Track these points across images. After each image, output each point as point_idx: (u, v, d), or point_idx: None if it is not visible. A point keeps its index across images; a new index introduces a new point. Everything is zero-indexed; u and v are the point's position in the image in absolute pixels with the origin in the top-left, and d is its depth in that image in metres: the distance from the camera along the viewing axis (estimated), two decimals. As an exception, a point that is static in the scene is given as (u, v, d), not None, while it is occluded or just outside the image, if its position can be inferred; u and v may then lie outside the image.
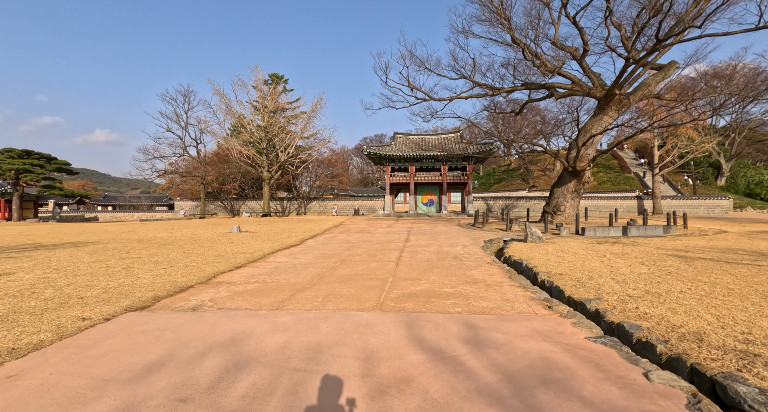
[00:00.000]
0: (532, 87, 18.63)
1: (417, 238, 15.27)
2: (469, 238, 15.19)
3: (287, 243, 13.59)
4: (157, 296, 5.71)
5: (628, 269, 7.61)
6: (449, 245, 12.91)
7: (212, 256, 10.21)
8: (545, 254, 10.17)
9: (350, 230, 19.57)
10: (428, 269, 8.33)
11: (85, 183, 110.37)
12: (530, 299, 5.62)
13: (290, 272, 8.12)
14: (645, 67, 17.44)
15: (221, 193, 39.75)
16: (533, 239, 13.31)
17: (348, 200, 42.88)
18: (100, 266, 8.55)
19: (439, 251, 11.45)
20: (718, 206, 34.11)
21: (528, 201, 39.01)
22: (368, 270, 8.29)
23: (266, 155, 32.79)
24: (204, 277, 7.32)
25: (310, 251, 11.56)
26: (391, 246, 12.68)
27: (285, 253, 11.20)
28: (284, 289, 6.44)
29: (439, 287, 6.58)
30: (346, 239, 15.16)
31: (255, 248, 11.93)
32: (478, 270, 8.20)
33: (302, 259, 10.04)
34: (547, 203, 21.12)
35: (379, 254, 10.95)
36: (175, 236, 17.19)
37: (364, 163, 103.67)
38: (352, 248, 12.20)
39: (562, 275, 7.30)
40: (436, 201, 36.95)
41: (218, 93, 30.67)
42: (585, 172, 19.45)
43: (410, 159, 34.81)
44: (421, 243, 13.42)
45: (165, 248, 12.22)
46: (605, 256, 9.60)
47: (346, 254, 10.84)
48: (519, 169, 79.69)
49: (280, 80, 42.76)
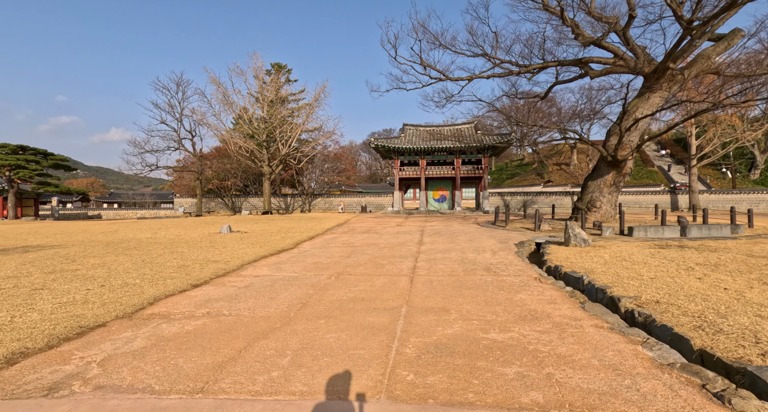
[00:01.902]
0: (564, 63, 15.96)
1: (432, 240, 12.89)
2: (495, 239, 12.75)
3: (278, 247, 11.35)
4: (11, 355, 3.45)
5: (759, 294, 5.12)
6: (474, 249, 10.49)
7: (174, 267, 8.00)
8: (605, 264, 7.71)
9: (355, 230, 17.28)
10: (456, 290, 5.96)
11: (94, 181, 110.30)
12: (655, 365, 3.21)
13: (263, 294, 5.83)
14: (702, 37, 14.64)
15: (222, 190, 37.85)
16: (577, 241, 10.80)
17: (355, 197, 40.63)
18: (9, 283, 6.38)
19: (464, 258, 9.05)
20: (764, 201, 30.89)
21: (549, 196, 36.20)
22: (372, 291, 5.97)
23: (266, 149, 30.61)
24: (134, 305, 5.08)
25: (301, 259, 9.27)
26: (401, 251, 10.33)
27: (270, 261, 8.94)
28: (238, 332, 4.14)
29: (481, 327, 4.21)
30: (348, 242, 12.87)
31: (235, 255, 9.70)
32: (528, 292, 5.80)
33: (288, 271, 7.75)
34: (580, 199, 18.49)
35: (387, 262, 8.62)
36: (155, 237, 15.12)
37: (372, 159, 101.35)
38: (354, 254, 9.88)
39: (659, 303, 4.87)
40: (449, 197, 34.41)
41: (214, 82, 28.56)
42: (627, 163, 16.76)
43: (421, 152, 32.32)
44: (438, 247, 11.03)
45: (126, 254, 10.07)
46: (693, 269, 7.09)
47: (345, 264, 8.52)
48: (533, 163, 76.58)
49: (283, 70, 40.52)
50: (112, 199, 73.19)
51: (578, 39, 14.61)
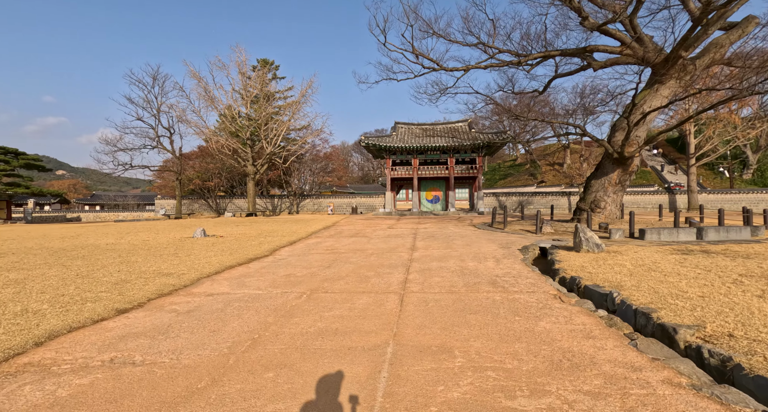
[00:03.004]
0: (567, 53, 14.79)
1: (426, 244, 11.56)
2: (495, 244, 11.47)
3: (250, 255, 9.91)
4: None
5: None
6: (474, 256, 9.18)
7: (109, 283, 6.51)
8: (631, 276, 6.46)
9: (342, 233, 15.89)
10: (458, 315, 4.62)
11: (77, 182, 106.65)
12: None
13: (204, 325, 4.42)
14: (714, 24, 13.59)
15: (206, 191, 36.05)
16: (589, 246, 9.56)
17: (345, 198, 39.17)
18: None
19: (463, 268, 7.73)
20: (763, 201, 30.25)
21: (545, 197, 35.20)
22: (350, 318, 4.59)
23: (251, 147, 28.94)
24: (11, 348, 3.62)
25: (272, 270, 7.86)
26: (391, 259, 8.97)
27: (234, 274, 7.51)
28: (136, 400, 2.73)
29: (501, 384, 2.87)
30: (332, 247, 11.47)
31: (196, 265, 8.24)
32: (552, 318, 4.48)
33: (251, 287, 6.33)
34: (582, 199, 17.38)
35: (373, 274, 7.25)
36: (117, 243, 13.52)
37: (365, 160, 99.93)
38: (336, 264, 8.50)
39: (734, 337, 3.60)
40: (442, 198, 33.18)
41: (195, 76, 26.82)
42: (633, 160, 15.67)
43: (413, 151, 31.03)
44: (433, 254, 9.70)
45: (65, 265, 8.53)
46: (741, 282, 5.86)
47: (323, 277, 7.13)
48: (526, 164, 76.15)
49: (270, 66, 38.88)
50: (93, 201, 70.48)
51: (584, 24, 13.44)
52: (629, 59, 15.10)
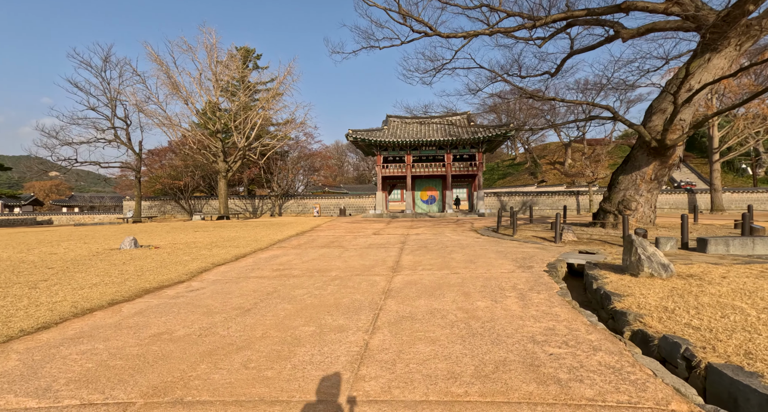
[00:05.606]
0: (596, 13, 11.71)
1: (415, 261, 8.42)
2: (509, 260, 8.35)
3: (154, 283, 6.75)
4: None
5: None
6: (483, 285, 6.04)
7: None
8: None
9: (314, 241, 12.75)
10: None
11: (60, 183, 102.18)
12: None
13: None
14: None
15: (177, 191, 32.68)
16: (653, 268, 6.44)
17: (333, 198, 35.97)
18: None
19: (469, 315, 4.60)
20: (793, 201, 27.42)
21: (551, 197, 32.18)
22: None
23: (222, 141, 25.62)
24: None
25: (138, 329, 4.69)
26: (358, 291, 5.82)
27: (88, 324, 4.33)
28: None
29: None
30: (286, 265, 8.30)
31: (48, 308, 5.06)
32: None
33: (76, 366, 3.16)
34: (607, 199, 14.33)
35: (310, 334, 4.10)
36: (21, 257, 10.28)
37: (360, 159, 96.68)
38: (264, 303, 5.34)
39: None
40: (439, 198, 30.10)
41: (156, 60, 23.46)
42: (675, 150, 12.64)
43: (406, 146, 27.93)
44: (423, 279, 6.55)
45: None
46: None
47: (208, 346, 3.96)
48: (525, 163, 73.47)
49: (251, 55, 35.61)
50: (71, 202, 66.68)
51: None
52: (670, 23, 12.06)
